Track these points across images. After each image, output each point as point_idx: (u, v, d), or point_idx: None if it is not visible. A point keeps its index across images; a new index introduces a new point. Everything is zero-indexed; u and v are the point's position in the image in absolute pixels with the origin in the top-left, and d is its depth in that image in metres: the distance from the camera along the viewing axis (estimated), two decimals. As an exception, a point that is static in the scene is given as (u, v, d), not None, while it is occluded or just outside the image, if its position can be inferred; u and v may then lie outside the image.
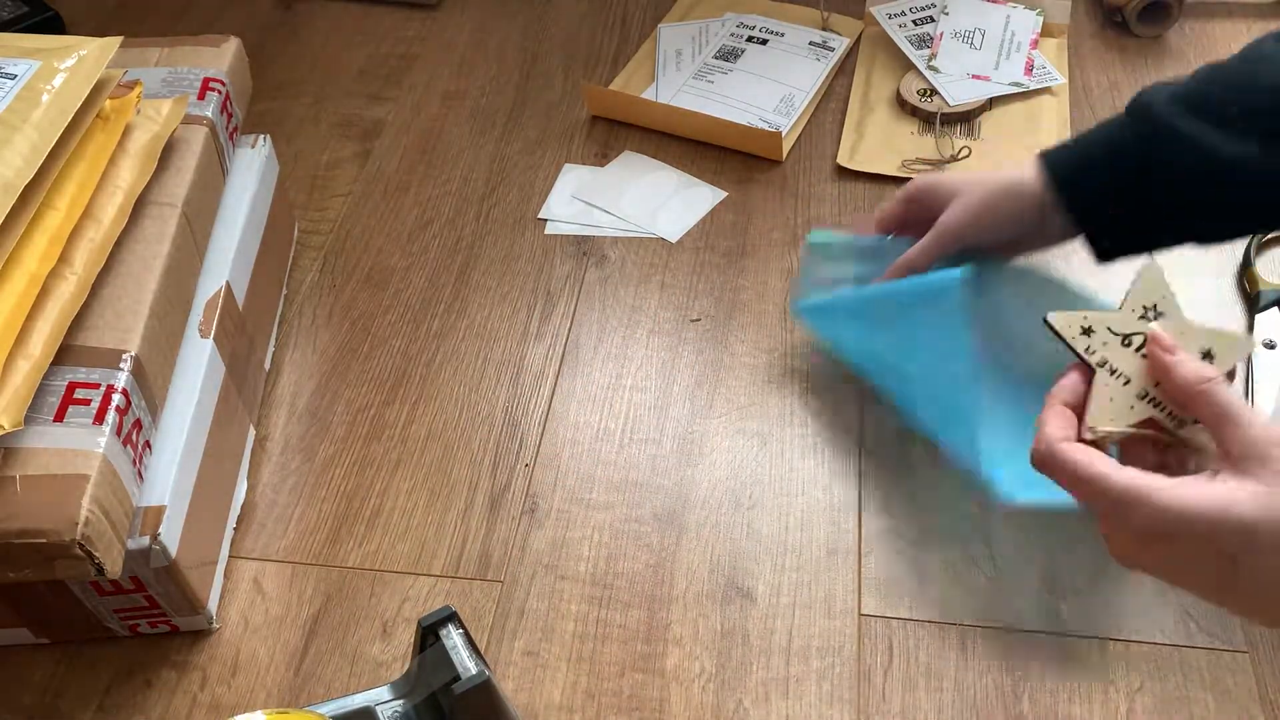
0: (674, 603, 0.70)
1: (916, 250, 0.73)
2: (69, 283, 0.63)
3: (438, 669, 0.55)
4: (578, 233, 0.94)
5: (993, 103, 1.03)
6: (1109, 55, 1.09)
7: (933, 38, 1.08)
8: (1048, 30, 1.10)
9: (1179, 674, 0.65)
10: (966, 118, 1.01)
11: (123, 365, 0.63)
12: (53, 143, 0.65)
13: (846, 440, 0.79)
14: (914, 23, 1.10)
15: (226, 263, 0.77)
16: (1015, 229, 0.71)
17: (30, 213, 0.63)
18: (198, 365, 0.71)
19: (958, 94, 1.02)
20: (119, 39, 0.73)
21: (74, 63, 0.69)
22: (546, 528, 0.74)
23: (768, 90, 1.05)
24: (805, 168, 0.99)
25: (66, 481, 0.57)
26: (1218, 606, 0.48)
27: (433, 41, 1.15)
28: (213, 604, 0.70)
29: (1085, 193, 0.68)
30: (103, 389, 0.61)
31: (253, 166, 0.84)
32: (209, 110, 0.78)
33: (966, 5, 1.11)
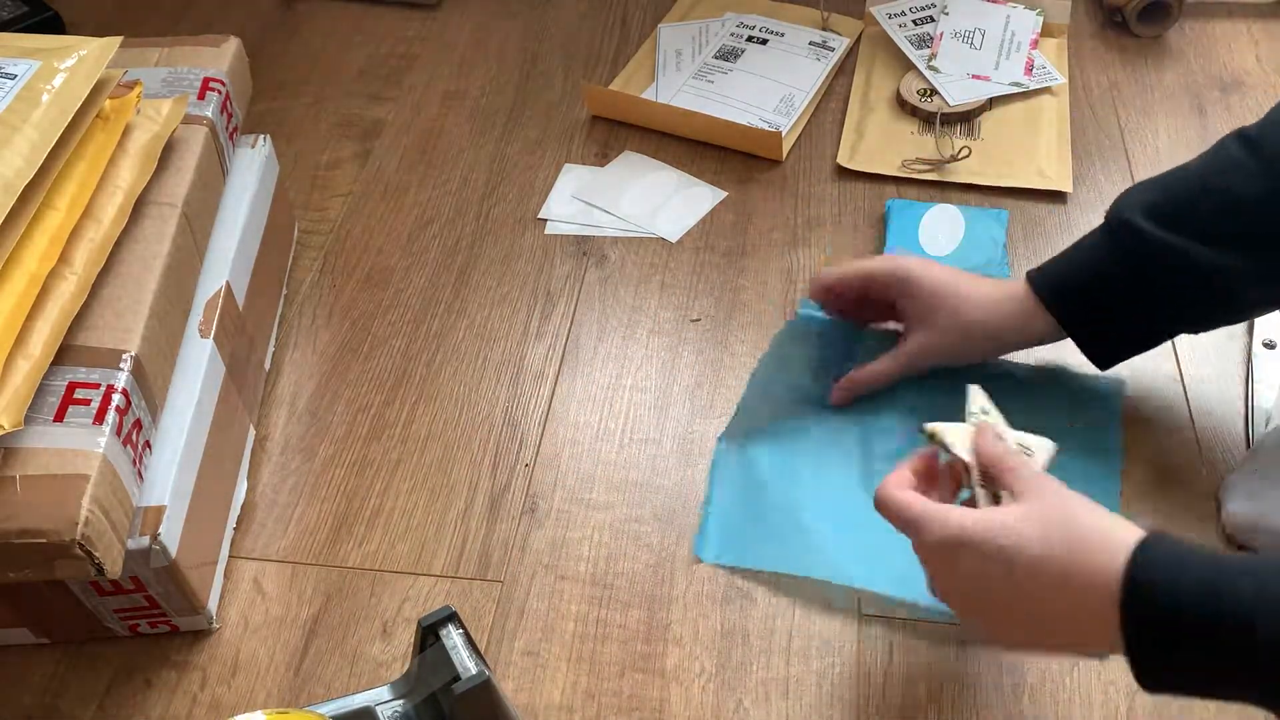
0: (674, 603, 0.70)
1: (881, 371, 0.76)
2: (69, 283, 0.63)
3: (438, 669, 0.55)
4: (578, 233, 0.94)
5: (993, 103, 1.03)
6: (1109, 55, 1.09)
7: (933, 38, 1.08)
8: (1048, 30, 1.10)
9: (1179, 674, 0.65)
10: (966, 118, 1.01)
11: (123, 365, 0.63)
12: (53, 143, 0.65)
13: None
14: (914, 23, 1.10)
15: (226, 263, 0.77)
16: (985, 356, 0.76)
17: (30, 213, 0.63)
18: (198, 365, 0.71)
19: (958, 94, 1.02)
20: (119, 39, 0.73)
21: (74, 63, 0.69)
22: (546, 528, 0.74)
23: (768, 90, 1.05)
24: (805, 168, 0.99)
25: (66, 481, 0.57)
26: (994, 633, 0.58)
27: (433, 41, 1.15)
28: (213, 604, 0.70)
29: (1079, 314, 0.71)
30: (103, 389, 0.61)
31: (253, 166, 0.84)
32: (209, 110, 0.79)
33: (966, 5, 1.11)
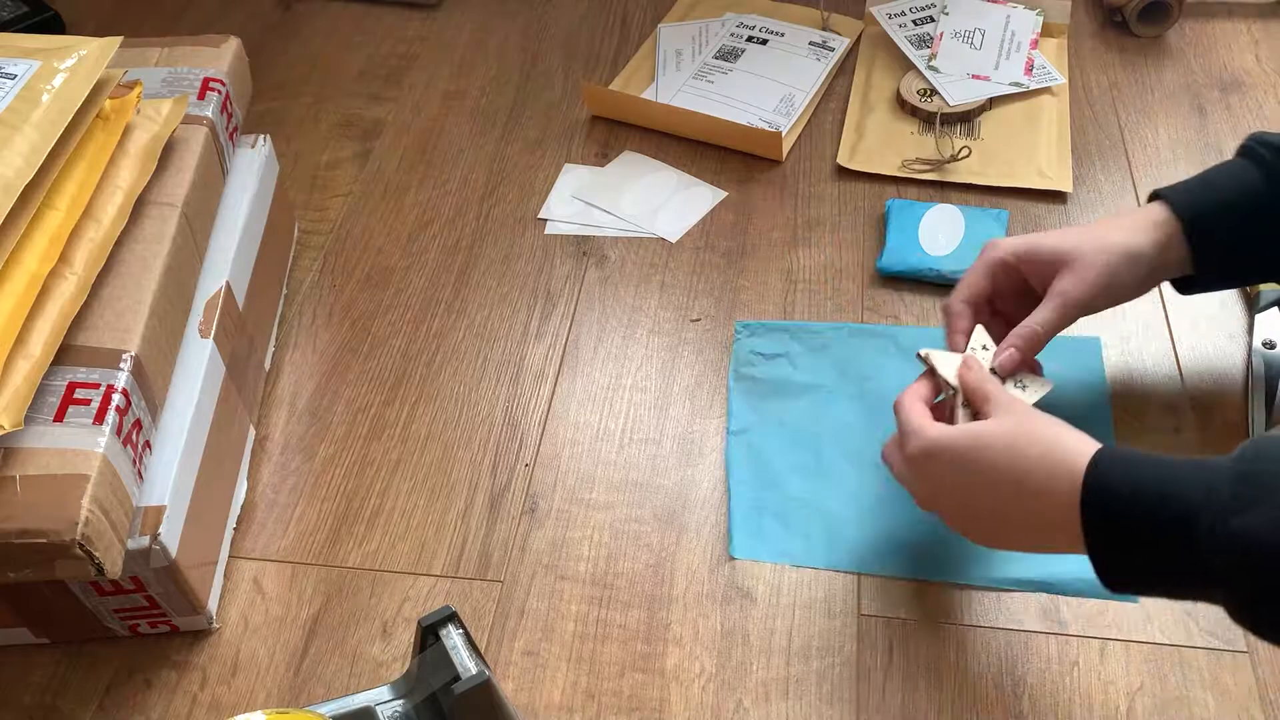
0: (674, 603, 0.70)
1: (1041, 323, 0.70)
2: (69, 283, 0.63)
3: (438, 669, 0.55)
4: (578, 233, 0.94)
5: (993, 103, 1.03)
6: (1109, 55, 1.09)
7: (933, 38, 1.08)
8: (1048, 30, 1.10)
9: (1179, 674, 0.65)
10: (966, 118, 1.01)
11: (123, 365, 0.63)
12: (53, 143, 0.65)
13: (846, 440, 0.79)
14: (914, 23, 1.10)
15: (226, 263, 0.77)
16: (1133, 292, 0.72)
17: (30, 213, 0.63)
18: (198, 365, 0.71)
19: (958, 94, 1.02)
20: (119, 39, 0.73)
21: (74, 63, 0.69)
22: (546, 528, 0.74)
23: (768, 90, 1.05)
24: (805, 168, 0.99)
25: (66, 481, 0.57)
26: (974, 534, 0.64)
27: (433, 41, 1.15)
28: (213, 604, 0.70)
29: (1213, 237, 0.69)
30: (103, 389, 0.61)
31: (253, 166, 0.84)
32: (209, 110, 0.79)
33: (966, 5, 1.11)
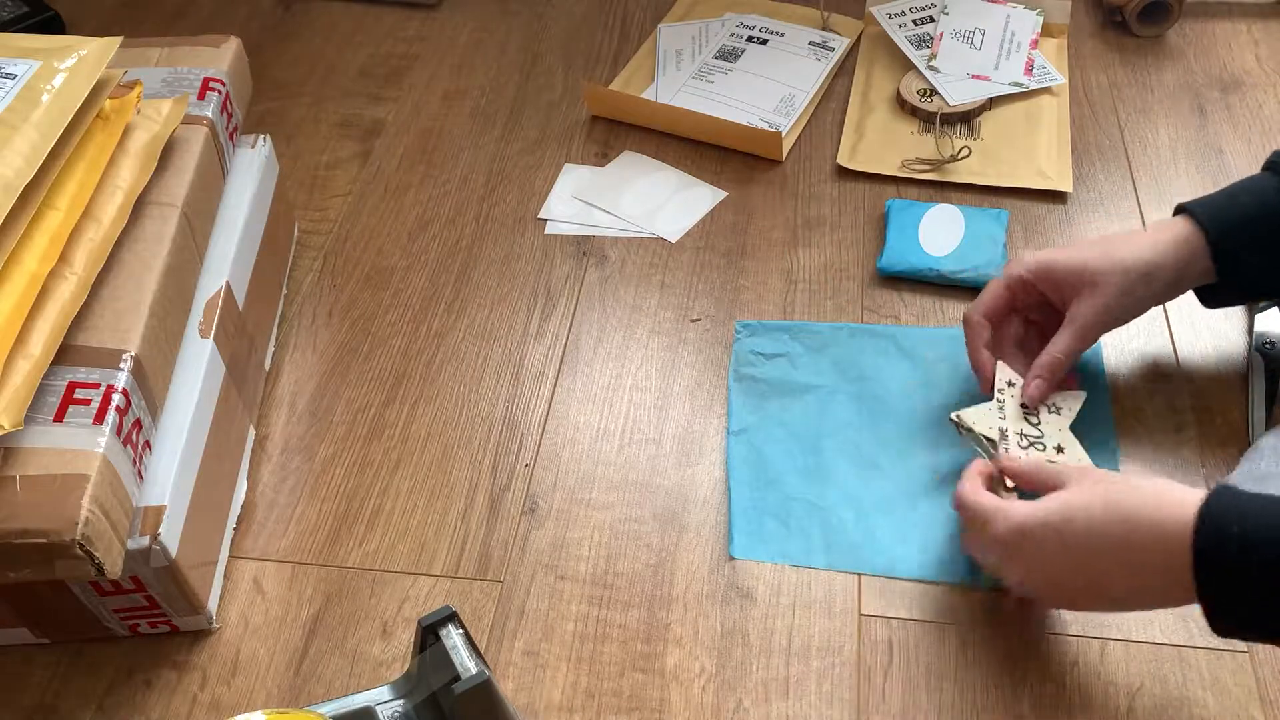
0: (674, 603, 0.70)
1: (1062, 351, 0.72)
2: (69, 283, 0.63)
3: (438, 669, 0.55)
4: (578, 233, 0.94)
5: (993, 103, 1.03)
6: (1109, 55, 1.09)
7: (933, 38, 1.08)
8: (1048, 30, 1.10)
9: (1179, 674, 0.65)
10: (966, 118, 1.01)
11: (123, 365, 0.63)
12: (53, 143, 0.65)
13: (846, 440, 0.79)
14: (914, 23, 1.10)
15: (226, 263, 0.77)
16: (1151, 305, 0.73)
17: (30, 213, 0.63)
18: (198, 365, 0.71)
19: (958, 94, 1.02)
20: (119, 39, 0.73)
21: (74, 63, 0.69)
22: (546, 528, 0.74)
23: (768, 90, 1.05)
24: (805, 168, 0.99)
25: (66, 481, 0.57)
26: (1074, 604, 0.65)
27: (433, 41, 1.15)
28: (213, 604, 0.70)
29: (1239, 253, 0.70)
30: (103, 389, 0.61)
31: (253, 166, 0.84)
32: (209, 110, 0.79)
33: (966, 5, 1.11)
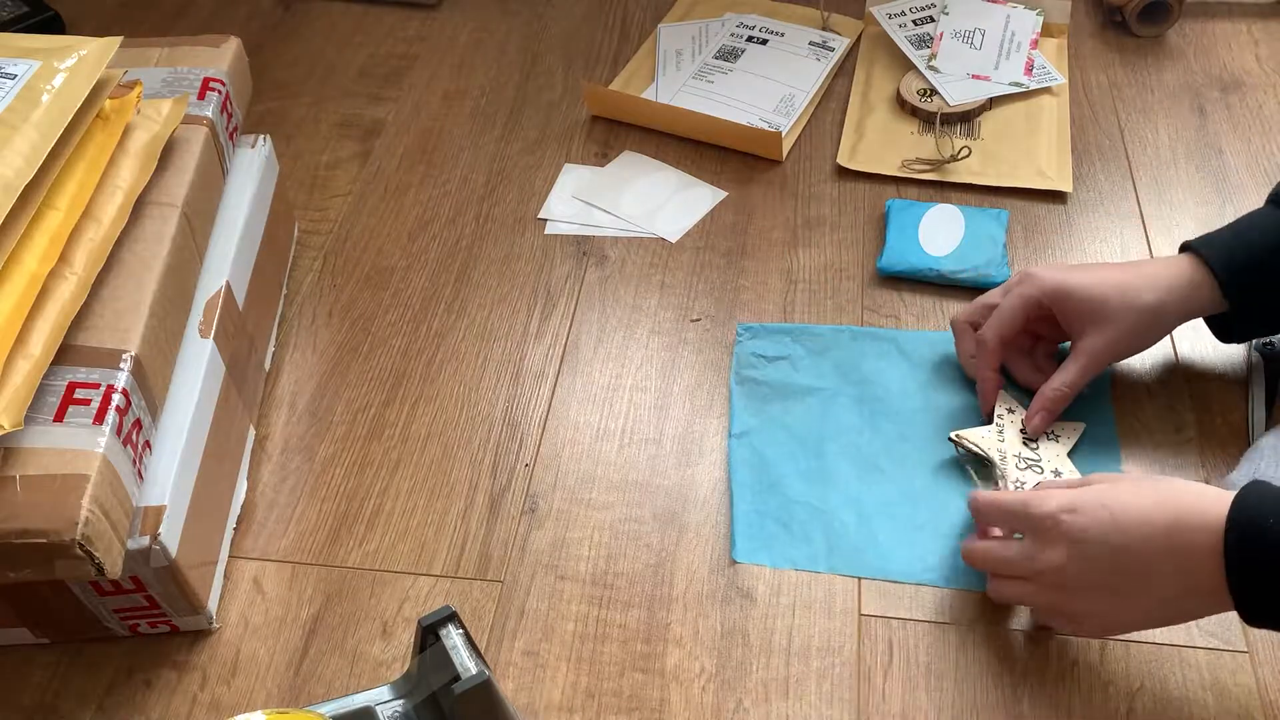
0: (674, 603, 0.70)
1: (1068, 384, 0.74)
2: (69, 283, 0.63)
3: (438, 669, 0.55)
4: (578, 233, 0.94)
5: (993, 103, 1.03)
6: (1109, 55, 1.09)
7: (933, 38, 1.08)
8: (1048, 30, 1.10)
9: (1179, 674, 0.65)
10: (966, 118, 1.01)
11: (123, 365, 0.63)
12: (53, 143, 0.65)
13: (846, 440, 0.79)
14: (914, 23, 1.10)
15: (226, 263, 0.77)
16: (1153, 344, 0.76)
17: (30, 213, 0.63)
18: (198, 365, 0.71)
19: (958, 94, 1.02)
20: (119, 39, 0.73)
21: (74, 63, 0.69)
22: (546, 528, 0.74)
23: (768, 90, 1.05)
24: (805, 168, 0.99)
25: (66, 481, 0.57)
26: (1102, 609, 0.62)
27: (433, 41, 1.15)
28: (213, 604, 0.70)
29: (1253, 292, 0.71)
30: (103, 389, 0.61)
31: (253, 166, 0.84)
32: (209, 110, 0.79)
33: (966, 5, 1.11)
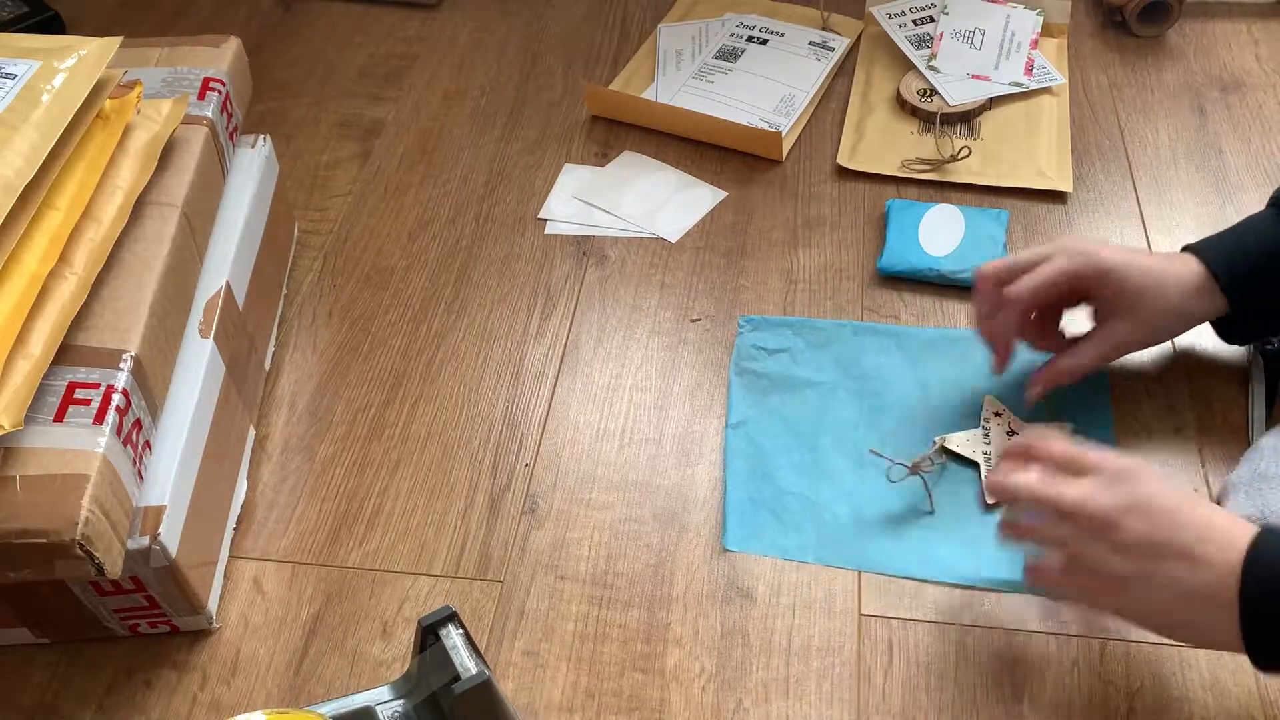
0: (674, 603, 0.70)
1: (1085, 364, 0.75)
2: (69, 283, 0.63)
3: (438, 669, 0.55)
4: (578, 233, 0.94)
5: (993, 103, 1.03)
6: (1109, 55, 1.09)
7: (933, 38, 1.08)
8: (1048, 30, 1.10)
9: (1179, 674, 0.65)
10: (966, 118, 1.01)
11: (123, 365, 0.63)
12: (53, 143, 0.65)
13: (846, 440, 0.79)
14: (914, 23, 1.10)
15: (226, 263, 0.77)
16: (1167, 338, 0.79)
17: (30, 213, 0.63)
18: (198, 365, 0.71)
19: (958, 94, 1.02)
20: (119, 39, 0.73)
21: (74, 63, 0.69)
22: (546, 528, 0.74)
23: (768, 90, 1.05)
24: (805, 168, 0.99)
25: (66, 481, 0.57)
26: (1129, 596, 0.60)
27: (433, 41, 1.15)
28: (213, 604, 0.70)
29: (1256, 297, 0.72)
30: (103, 389, 0.61)
31: (253, 166, 0.84)
32: (209, 110, 0.79)
33: (966, 5, 1.11)
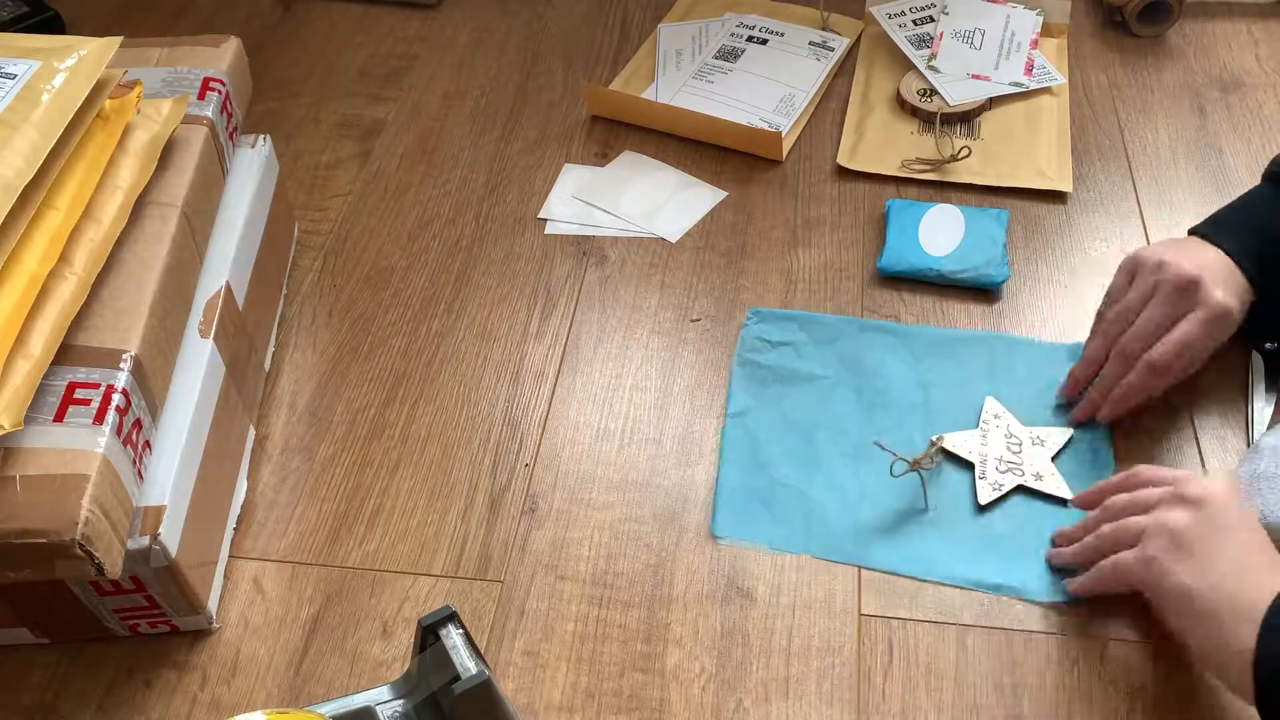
0: (674, 603, 0.70)
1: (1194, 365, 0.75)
2: (69, 283, 0.63)
3: (438, 669, 0.55)
4: (578, 233, 0.94)
5: (993, 103, 1.03)
6: (1109, 55, 1.09)
7: (933, 38, 1.08)
8: (1048, 30, 1.10)
9: (1179, 674, 0.65)
10: (966, 118, 1.01)
11: (123, 365, 0.63)
12: (53, 143, 0.65)
13: (846, 440, 0.79)
14: (914, 23, 1.10)
15: (226, 263, 0.77)
16: None
17: (30, 213, 0.63)
18: (198, 365, 0.71)
19: (957, 94, 1.02)
20: (119, 39, 0.73)
21: (74, 63, 0.69)
22: (546, 528, 0.74)
23: (768, 90, 1.05)
24: (805, 168, 0.99)
25: (66, 481, 0.57)
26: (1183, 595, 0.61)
27: (433, 41, 1.15)
28: (213, 604, 0.70)
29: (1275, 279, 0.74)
30: (103, 389, 0.61)
31: (253, 166, 0.84)
32: (209, 110, 0.79)
33: (966, 5, 1.11)
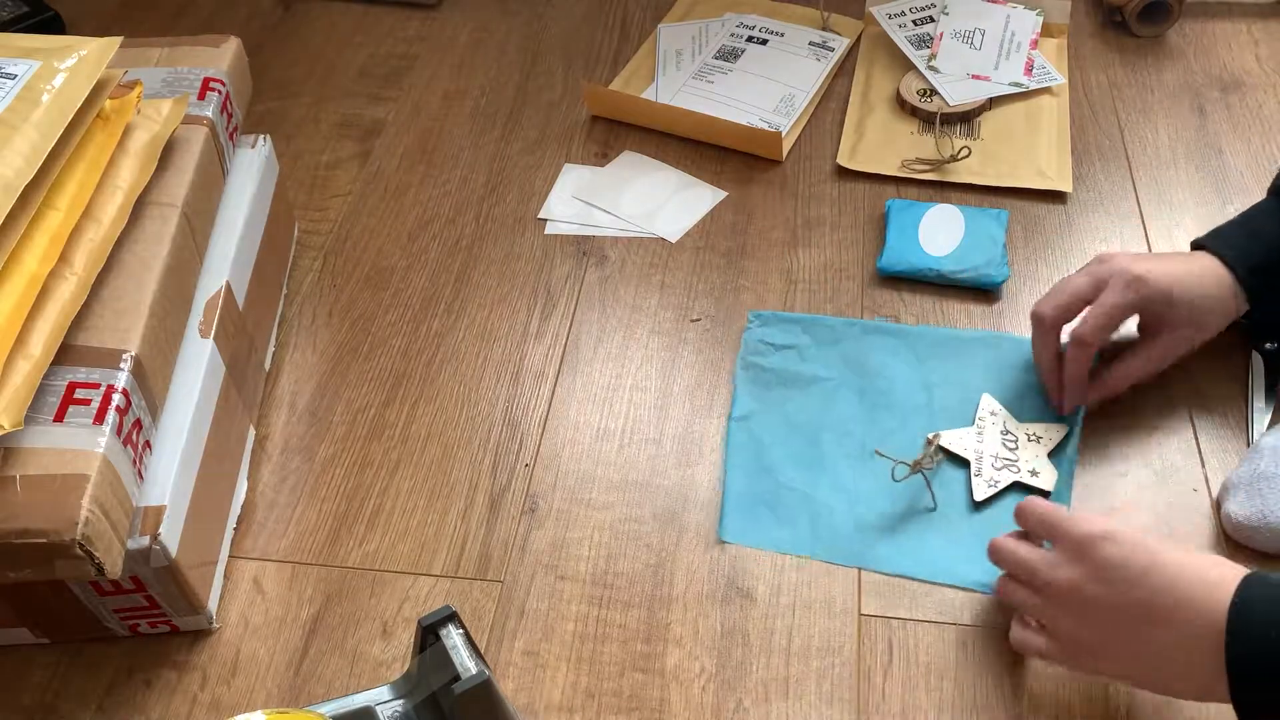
0: (674, 603, 0.70)
1: (1134, 375, 0.76)
2: (69, 283, 0.63)
3: (438, 669, 0.55)
4: (578, 233, 0.94)
5: (993, 103, 1.03)
6: (1109, 55, 1.09)
7: (933, 38, 1.08)
8: (1048, 30, 1.10)
9: (1179, 674, 0.65)
10: (966, 118, 1.01)
11: (123, 365, 0.63)
12: (53, 143, 0.65)
13: (846, 440, 0.79)
14: (914, 23, 1.10)
15: (226, 263, 0.77)
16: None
17: (30, 213, 0.63)
18: (198, 365, 0.71)
19: (957, 94, 1.02)
20: (119, 39, 0.73)
21: (74, 63, 0.69)
22: (546, 528, 0.74)
23: (768, 90, 1.05)
24: (805, 168, 0.99)
25: (66, 481, 0.57)
26: (1106, 652, 0.60)
27: (433, 41, 1.15)
28: (213, 604, 0.70)
29: (1267, 285, 0.75)
30: (103, 389, 0.61)
31: (253, 167, 0.84)
32: (209, 110, 0.79)
33: (966, 5, 1.11)
